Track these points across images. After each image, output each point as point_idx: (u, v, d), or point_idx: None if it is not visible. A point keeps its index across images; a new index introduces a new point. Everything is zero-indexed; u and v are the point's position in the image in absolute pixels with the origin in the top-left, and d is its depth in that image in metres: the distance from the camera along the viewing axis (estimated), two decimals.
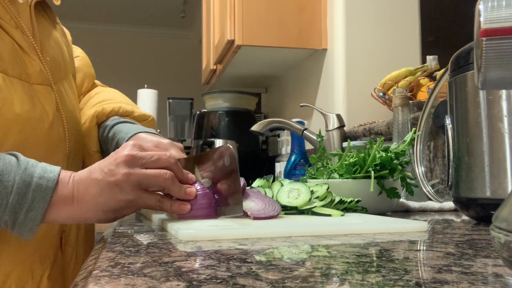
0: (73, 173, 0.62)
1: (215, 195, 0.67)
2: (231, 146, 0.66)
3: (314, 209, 0.71)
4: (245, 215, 0.65)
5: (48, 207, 0.59)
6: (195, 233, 0.52)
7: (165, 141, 0.82)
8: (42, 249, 0.77)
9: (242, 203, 0.63)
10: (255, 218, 0.63)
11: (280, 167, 1.65)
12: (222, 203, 0.66)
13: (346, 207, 0.76)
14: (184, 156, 0.80)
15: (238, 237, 0.53)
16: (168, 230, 0.59)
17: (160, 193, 0.65)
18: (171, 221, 0.63)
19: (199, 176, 0.70)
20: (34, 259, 0.75)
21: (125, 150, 0.61)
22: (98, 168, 0.61)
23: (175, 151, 0.79)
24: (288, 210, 0.72)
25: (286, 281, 0.32)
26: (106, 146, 0.91)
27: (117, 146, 0.86)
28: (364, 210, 0.79)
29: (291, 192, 0.73)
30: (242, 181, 0.68)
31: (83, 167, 0.93)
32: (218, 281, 0.32)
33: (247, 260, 0.40)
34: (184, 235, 0.52)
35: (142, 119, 0.97)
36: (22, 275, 0.73)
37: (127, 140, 0.85)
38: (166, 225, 0.61)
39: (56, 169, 0.61)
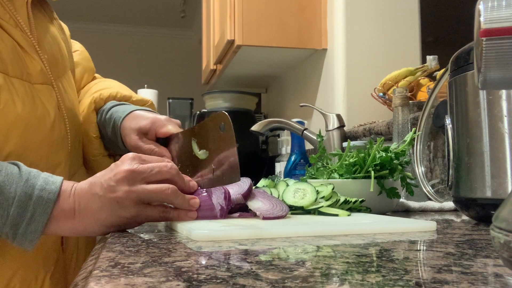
0: (74, 184, 0.61)
1: (212, 164, 0.67)
2: (226, 113, 0.65)
3: (321, 209, 0.71)
4: (254, 215, 0.66)
5: (49, 220, 0.58)
6: (209, 233, 0.52)
7: (162, 117, 0.82)
8: (45, 250, 0.77)
9: (238, 171, 0.62)
10: (265, 218, 0.64)
11: (280, 167, 1.65)
12: (220, 172, 0.66)
13: (350, 207, 0.76)
14: (181, 130, 0.80)
15: (253, 237, 0.53)
16: (179, 230, 0.59)
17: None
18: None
19: (196, 149, 0.70)
20: (37, 260, 0.75)
21: (125, 164, 0.59)
22: (99, 183, 0.59)
23: (172, 126, 0.80)
24: (293, 210, 0.72)
25: (286, 281, 0.32)
26: (104, 129, 0.90)
27: (114, 127, 0.86)
28: (368, 210, 0.79)
29: (296, 192, 0.73)
30: (249, 181, 0.68)
31: (83, 154, 0.93)
32: (218, 281, 0.32)
33: (247, 260, 0.40)
34: (198, 236, 0.51)
35: (140, 104, 0.95)
36: (26, 276, 0.73)
37: (123, 119, 0.84)
38: (176, 225, 0.61)
39: (58, 180, 0.60)
